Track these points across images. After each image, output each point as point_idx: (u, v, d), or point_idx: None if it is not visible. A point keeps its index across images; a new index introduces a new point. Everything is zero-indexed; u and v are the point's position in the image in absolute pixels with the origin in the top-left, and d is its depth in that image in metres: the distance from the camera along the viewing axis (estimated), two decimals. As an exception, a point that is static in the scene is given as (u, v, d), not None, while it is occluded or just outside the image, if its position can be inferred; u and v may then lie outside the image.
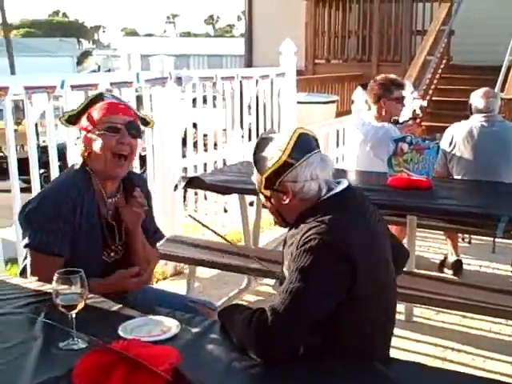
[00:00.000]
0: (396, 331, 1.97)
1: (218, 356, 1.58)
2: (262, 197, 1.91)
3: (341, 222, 1.71)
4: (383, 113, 4.14)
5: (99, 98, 2.24)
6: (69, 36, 48.85)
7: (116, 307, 1.85)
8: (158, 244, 2.50)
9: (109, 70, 28.24)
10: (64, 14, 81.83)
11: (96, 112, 2.16)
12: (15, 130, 3.48)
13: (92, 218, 2.14)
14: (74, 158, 2.26)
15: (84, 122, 2.18)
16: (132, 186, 2.28)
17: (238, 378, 1.50)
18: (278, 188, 1.81)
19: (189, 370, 1.43)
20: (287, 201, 1.81)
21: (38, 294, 1.92)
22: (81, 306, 1.60)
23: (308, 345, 1.59)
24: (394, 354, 1.93)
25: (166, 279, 4.48)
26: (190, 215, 4.76)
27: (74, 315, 1.60)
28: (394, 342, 1.96)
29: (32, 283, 2.04)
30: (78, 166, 2.20)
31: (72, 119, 2.23)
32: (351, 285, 1.65)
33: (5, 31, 26.39)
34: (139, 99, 4.32)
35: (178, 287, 3.82)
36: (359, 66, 11.02)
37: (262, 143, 1.85)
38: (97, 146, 2.14)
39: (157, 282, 4.36)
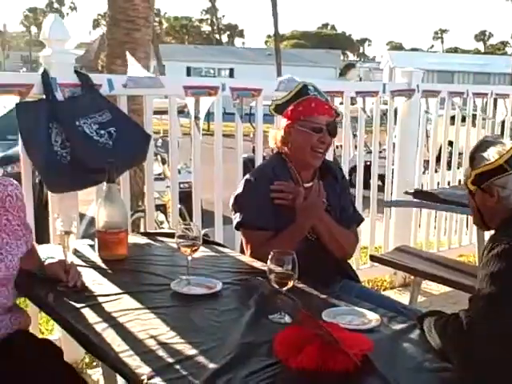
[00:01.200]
0: None
1: (411, 354, 1.62)
2: (467, 192, 1.93)
3: None
4: None
5: (304, 90, 2.42)
6: (335, 48, 50.61)
7: (325, 295, 1.98)
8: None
9: (369, 83, 28.66)
10: (333, 27, 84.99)
11: (303, 108, 2.36)
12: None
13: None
14: (271, 143, 2.51)
15: (290, 112, 2.39)
16: (327, 173, 2.45)
17: (426, 377, 1.52)
18: (485, 188, 1.83)
19: (379, 361, 1.50)
20: (491, 203, 1.83)
21: (256, 271, 2.15)
22: (290, 284, 1.76)
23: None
24: None
25: (394, 289, 4.51)
26: None
27: (284, 291, 1.77)
28: None
29: (255, 262, 2.27)
30: (274, 152, 2.45)
31: (279, 108, 2.45)
32: None
33: (276, 42, 28.28)
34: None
35: (403, 299, 3.82)
36: None
37: (484, 144, 1.89)
38: (298, 139, 2.35)
39: (384, 290, 4.41)
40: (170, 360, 1.51)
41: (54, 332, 3.26)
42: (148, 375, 1.43)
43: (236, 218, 2.39)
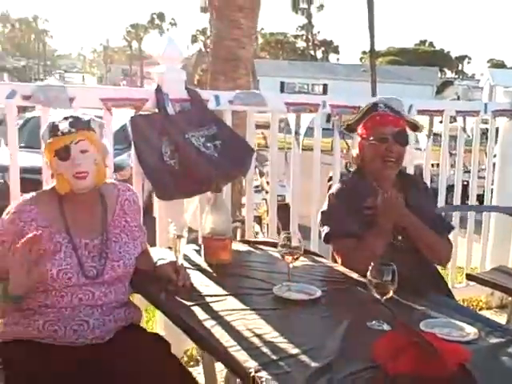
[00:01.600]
0: None
1: (510, 367, 1.65)
2: None
3: None
4: None
5: (374, 108, 2.58)
6: (432, 65, 49.61)
7: (422, 307, 2.03)
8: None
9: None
10: (430, 44, 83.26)
11: (370, 123, 2.52)
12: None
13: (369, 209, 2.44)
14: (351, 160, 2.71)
15: (360, 130, 2.58)
16: (408, 185, 2.59)
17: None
18: None
19: (477, 372, 1.54)
20: None
21: (354, 281, 2.25)
22: (389, 294, 1.83)
23: None
24: None
25: (490, 309, 4.43)
26: None
27: (383, 301, 1.84)
28: None
29: (352, 273, 2.35)
30: (354, 168, 2.64)
31: (351, 127, 2.67)
32: None
33: (371, 58, 28.10)
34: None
35: (500, 320, 3.74)
36: None
37: None
38: (369, 152, 2.52)
39: (480, 311, 4.34)
40: (274, 357, 1.62)
41: (154, 330, 3.44)
42: (255, 369, 1.55)
43: (324, 230, 2.55)
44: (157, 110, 3.02)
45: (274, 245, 2.39)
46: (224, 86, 4.97)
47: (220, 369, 2.55)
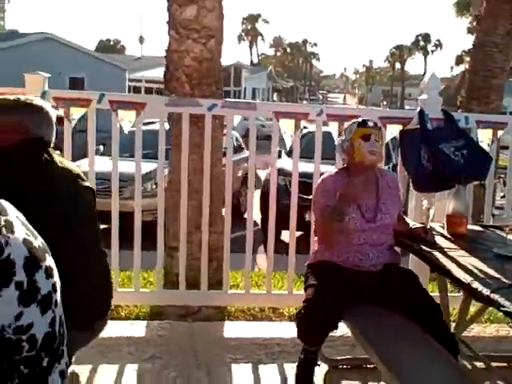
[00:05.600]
0: None
1: None
2: None
3: None
4: None
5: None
6: None
7: None
8: None
9: None
10: None
11: None
12: None
13: None
14: None
15: None
16: None
17: None
18: None
19: None
20: None
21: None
22: None
23: None
24: None
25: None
26: None
27: None
28: None
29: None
30: None
31: None
32: None
33: None
34: None
35: None
36: None
37: None
38: None
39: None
40: (482, 276, 2.64)
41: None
42: (469, 280, 2.58)
43: None
44: (419, 126, 4.14)
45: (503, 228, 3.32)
46: (476, 109, 5.89)
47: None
